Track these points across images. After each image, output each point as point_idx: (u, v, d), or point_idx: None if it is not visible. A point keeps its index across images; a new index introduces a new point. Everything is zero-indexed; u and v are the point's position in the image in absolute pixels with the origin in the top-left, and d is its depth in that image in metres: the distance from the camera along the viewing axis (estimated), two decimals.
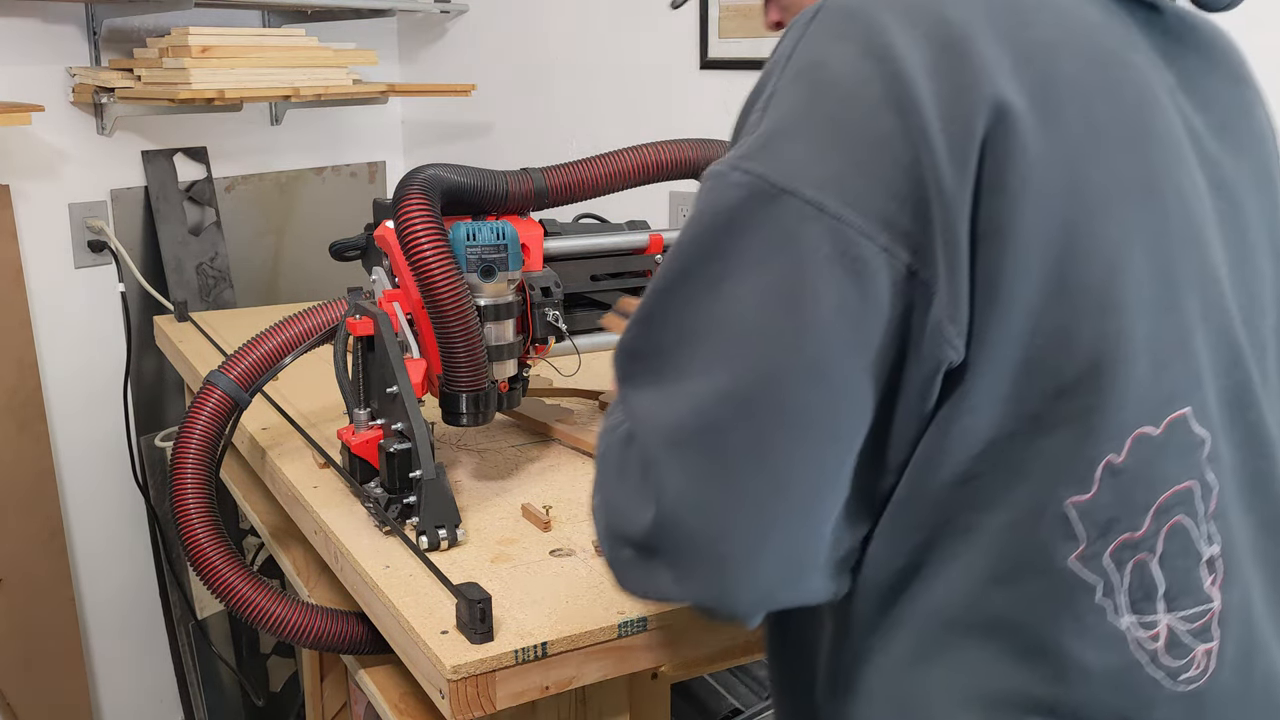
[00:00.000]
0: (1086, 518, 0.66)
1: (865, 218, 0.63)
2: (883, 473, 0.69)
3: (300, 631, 1.14)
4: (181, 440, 1.19)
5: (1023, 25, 0.67)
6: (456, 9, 3.10)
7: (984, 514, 0.67)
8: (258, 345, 1.25)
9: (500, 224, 1.17)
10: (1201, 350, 0.70)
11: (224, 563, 1.14)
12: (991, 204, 0.63)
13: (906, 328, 0.64)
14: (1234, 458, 0.72)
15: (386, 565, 1.07)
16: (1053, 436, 0.66)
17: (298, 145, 3.01)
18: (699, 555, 0.65)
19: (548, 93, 2.92)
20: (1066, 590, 0.67)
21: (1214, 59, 0.82)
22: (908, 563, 0.70)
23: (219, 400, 1.22)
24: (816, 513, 0.66)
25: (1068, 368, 0.65)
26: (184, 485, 1.17)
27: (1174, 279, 0.68)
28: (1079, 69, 0.68)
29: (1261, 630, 0.74)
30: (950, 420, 0.66)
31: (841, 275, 0.63)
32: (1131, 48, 0.73)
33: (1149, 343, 0.67)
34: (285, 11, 2.91)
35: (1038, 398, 0.65)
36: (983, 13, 0.66)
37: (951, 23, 0.65)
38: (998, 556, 0.68)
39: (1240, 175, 0.77)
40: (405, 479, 1.11)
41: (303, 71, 2.66)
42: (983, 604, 0.68)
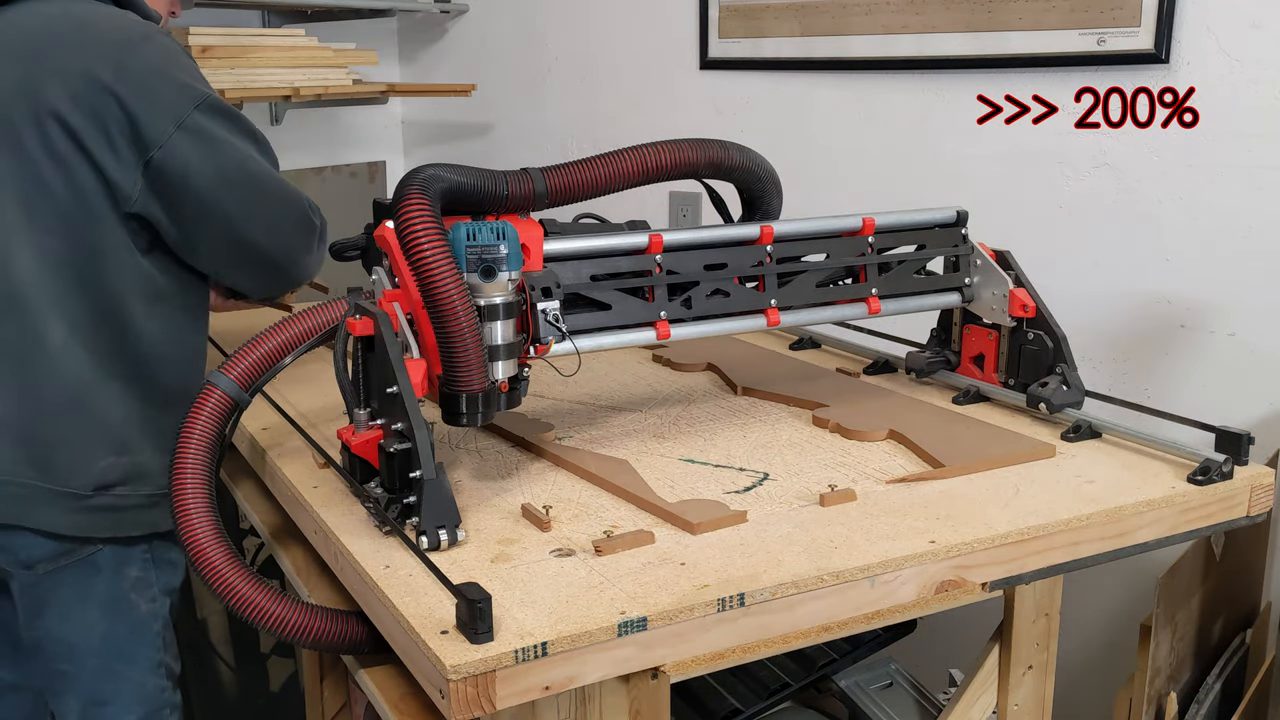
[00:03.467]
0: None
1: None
2: None
3: (300, 631, 1.14)
4: (181, 440, 1.19)
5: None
6: (456, 9, 3.10)
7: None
8: (258, 345, 1.25)
9: (500, 224, 1.17)
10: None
11: (224, 563, 1.14)
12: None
13: None
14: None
15: (386, 565, 1.07)
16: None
17: (298, 145, 3.01)
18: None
19: (548, 93, 2.92)
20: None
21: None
22: None
23: (219, 400, 1.21)
24: None
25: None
26: (184, 485, 1.17)
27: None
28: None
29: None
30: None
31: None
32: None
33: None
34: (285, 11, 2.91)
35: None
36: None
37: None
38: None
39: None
40: (405, 479, 1.11)
41: (303, 71, 2.66)
42: None
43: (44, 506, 1.40)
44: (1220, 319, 1.76)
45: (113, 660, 1.50)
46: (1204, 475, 1.26)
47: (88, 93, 1.32)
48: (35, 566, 1.44)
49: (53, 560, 1.44)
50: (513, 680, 0.92)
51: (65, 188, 1.35)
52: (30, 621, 1.49)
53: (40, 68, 1.33)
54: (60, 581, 1.46)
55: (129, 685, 1.51)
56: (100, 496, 1.42)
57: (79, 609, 1.47)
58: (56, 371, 1.38)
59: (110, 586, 1.48)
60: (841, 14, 2.18)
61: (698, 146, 1.36)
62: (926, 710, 1.54)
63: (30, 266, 1.36)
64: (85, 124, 1.33)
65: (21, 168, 1.34)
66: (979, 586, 1.14)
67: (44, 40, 1.35)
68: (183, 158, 1.35)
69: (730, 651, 1.04)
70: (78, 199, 1.35)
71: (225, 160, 1.39)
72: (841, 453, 1.37)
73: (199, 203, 1.37)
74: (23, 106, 1.33)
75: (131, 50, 1.36)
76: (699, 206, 2.47)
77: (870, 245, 1.45)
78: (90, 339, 1.40)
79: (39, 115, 1.32)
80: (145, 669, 1.52)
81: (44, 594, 1.47)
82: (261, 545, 2.16)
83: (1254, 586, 1.72)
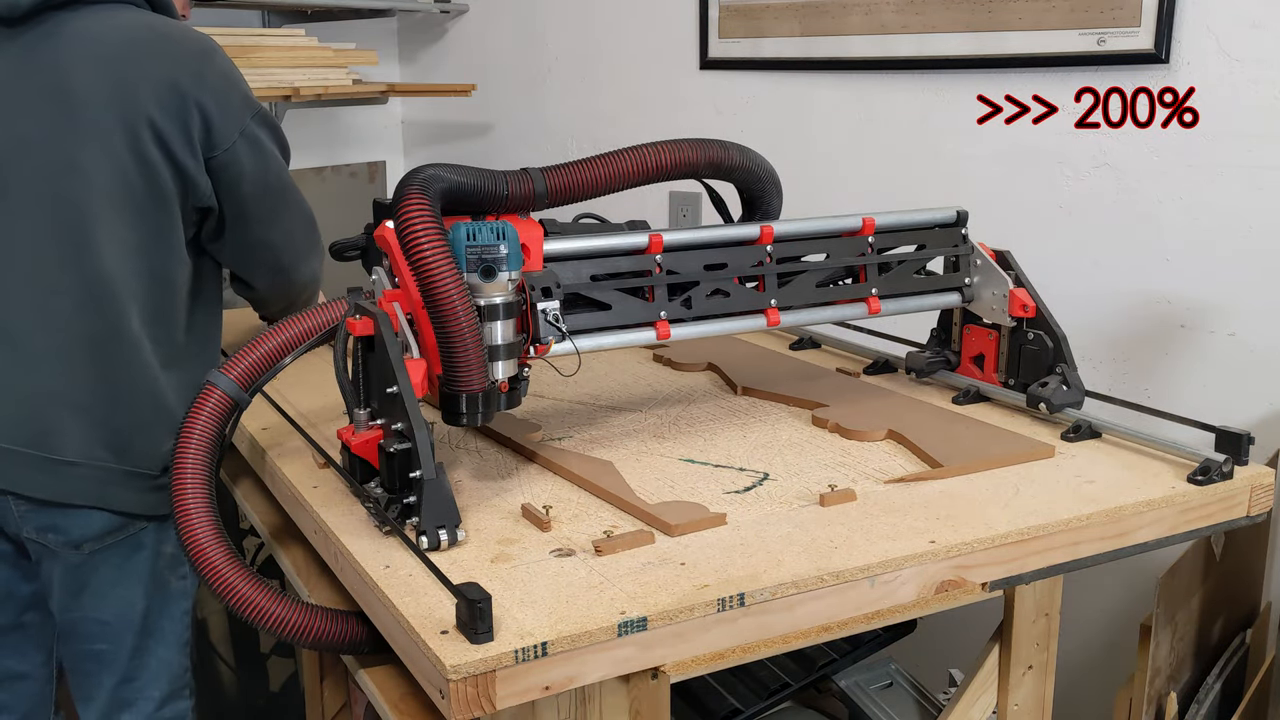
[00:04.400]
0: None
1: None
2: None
3: (300, 631, 1.14)
4: (181, 440, 1.19)
5: None
6: (456, 9, 3.10)
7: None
8: (258, 345, 1.25)
9: (500, 224, 1.17)
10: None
11: (224, 563, 1.14)
12: None
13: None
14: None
15: (386, 565, 1.07)
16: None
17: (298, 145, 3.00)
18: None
19: (548, 93, 2.92)
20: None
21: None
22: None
23: (219, 400, 1.22)
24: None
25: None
26: (184, 485, 1.17)
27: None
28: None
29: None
30: None
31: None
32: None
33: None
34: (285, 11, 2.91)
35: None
36: None
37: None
38: None
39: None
40: (405, 479, 1.11)
41: (303, 71, 2.66)
42: None
43: (119, 488, 1.46)
44: (1220, 319, 1.76)
45: (146, 638, 1.53)
46: (1204, 475, 1.26)
47: (173, 99, 1.43)
48: (83, 546, 1.47)
49: (101, 539, 1.48)
50: (513, 680, 0.92)
51: (147, 185, 1.43)
52: (69, 603, 1.52)
53: (130, 75, 1.42)
54: (104, 560, 1.49)
55: (156, 662, 1.55)
56: (165, 476, 1.45)
57: (120, 587, 1.51)
58: (131, 360, 1.45)
59: (150, 563, 1.52)
60: (841, 14, 2.18)
61: (698, 146, 1.36)
62: (926, 710, 1.54)
63: (113, 259, 1.43)
64: (171, 127, 1.42)
65: (111, 167, 1.41)
66: (979, 586, 1.14)
67: (130, 50, 1.43)
68: (238, 162, 1.48)
69: (730, 651, 1.04)
70: (156, 196, 1.44)
71: (268, 169, 1.52)
72: (841, 453, 1.37)
73: (239, 204, 1.51)
74: (115, 110, 1.41)
75: (208, 61, 1.48)
76: (699, 206, 2.47)
77: (870, 245, 1.45)
78: (153, 329, 1.47)
79: (130, 119, 1.41)
80: (173, 647, 1.56)
81: (86, 574, 1.49)
82: (261, 545, 2.16)
83: (1254, 586, 1.72)
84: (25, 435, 1.42)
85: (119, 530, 1.48)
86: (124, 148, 1.41)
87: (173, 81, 1.42)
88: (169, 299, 1.49)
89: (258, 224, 1.54)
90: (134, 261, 1.44)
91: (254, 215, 1.53)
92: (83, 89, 1.40)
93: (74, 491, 1.44)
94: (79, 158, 1.39)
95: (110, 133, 1.40)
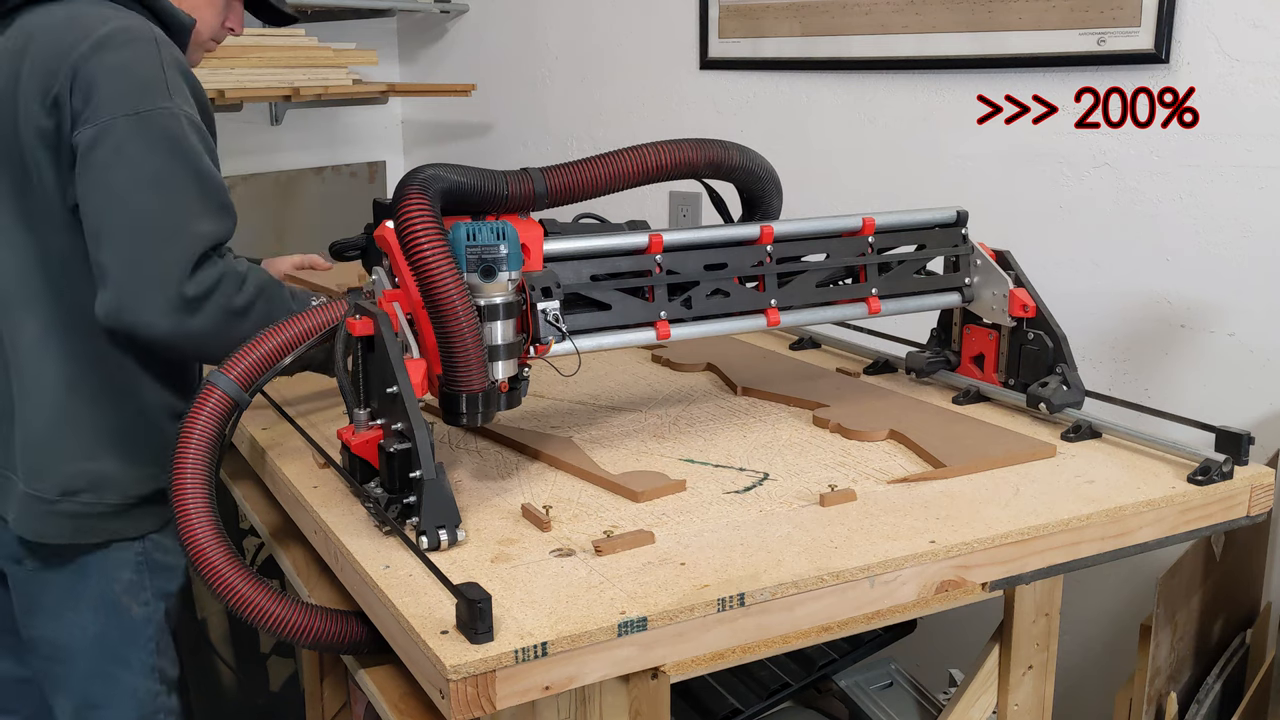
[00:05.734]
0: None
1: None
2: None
3: (300, 631, 1.14)
4: (181, 440, 1.19)
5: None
6: (456, 9, 3.10)
7: None
8: (258, 345, 1.25)
9: (500, 224, 1.17)
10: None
11: (224, 563, 1.14)
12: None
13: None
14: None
15: (386, 565, 1.07)
16: None
17: (298, 145, 3.01)
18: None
19: (548, 93, 2.91)
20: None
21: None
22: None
23: (219, 400, 1.21)
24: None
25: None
26: (184, 485, 1.17)
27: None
28: None
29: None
30: None
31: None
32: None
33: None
34: None
35: None
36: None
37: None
38: None
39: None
40: (405, 479, 1.11)
41: (303, 71, 2.66)
42: None
43: (19, 506, 1.45)
44: (1220, 319, 1.76)
45: (105, 663, 1.50)
46: (1204, 475, 1.26)
47: (54, 66, 1.34)
48: (24, 562, 1.46)
49: (37, 558, 1.46)
50: (513, 680, 0.92)
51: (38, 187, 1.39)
52: (24, 619, 1.51)
53: (30, 56, 1.38)
54: (49, 581, 1.47)
55: (122, 689, 1.52)
56: (66, 501, 1.45)
57: (70, 610, 1.48)
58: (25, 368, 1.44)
59: (100, 589, 1.49)
60: (841, 14, 2.18)
61: (698, 146, 1.36)
62: (926, 710, 1.54)
63: (10, 268, 1.41)
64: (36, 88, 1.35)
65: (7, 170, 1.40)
66: (979, 586, 1.14)
67: (41, 34, 1.38)
68: (91, 151, 1.33)
69: (730, 651, 1.04)
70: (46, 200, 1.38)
71: (113, 174, 1.34)
72: (841, 453, 1.37)
73: (82, 193, 1.36)
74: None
75: (105, 45, 1.34)
76: (699, 206, 2.47)
77: (870, 245, 1.45)
78: (65, 342, 1.42)
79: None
80: (139, 673, 1.53)
81: (35, 592, 1.48)
82: (261, 545, 2.16)
83: (1254, 586, 1.72)
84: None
85: (57, 553, 1.46)
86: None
87: (60, 53, 1.34)
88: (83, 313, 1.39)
89: (87, 217, 1.35)
90: (31, 270, 1.41)
91: (86, 210, 1.35)
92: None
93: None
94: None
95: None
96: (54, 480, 1.43)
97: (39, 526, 1.45)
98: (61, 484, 1.44)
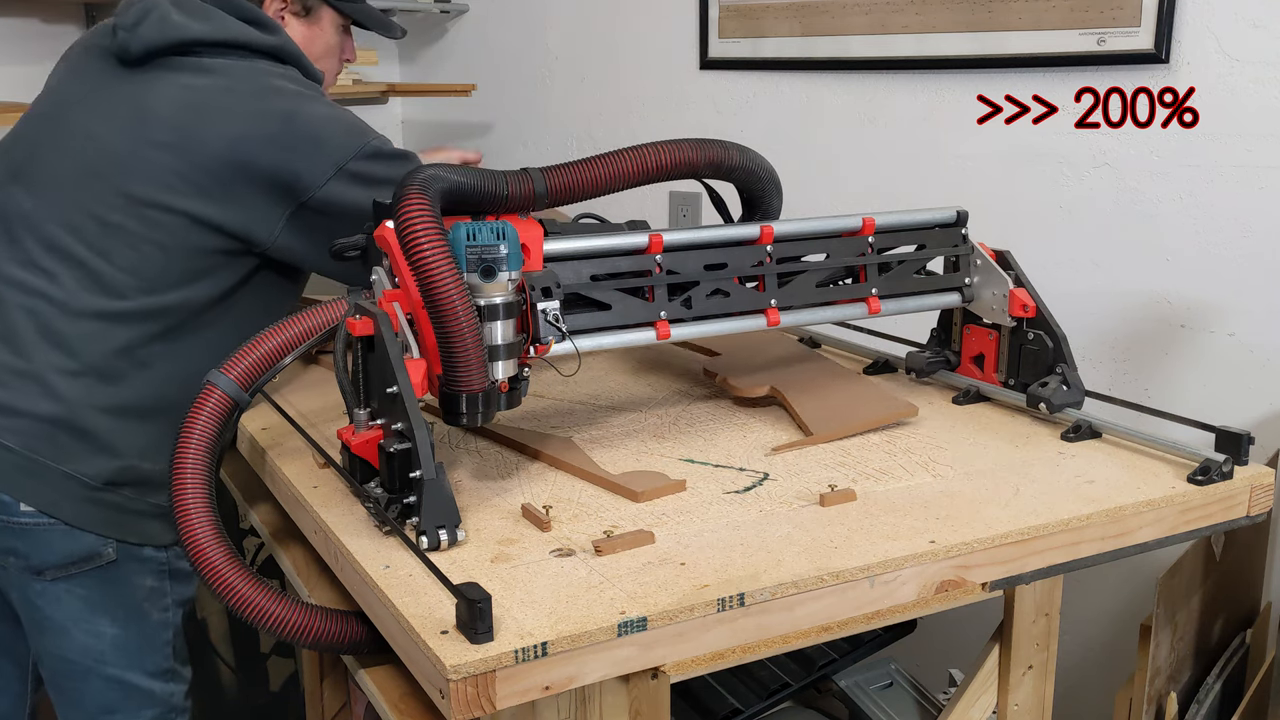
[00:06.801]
0: None
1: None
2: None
3: (300, 631, 1.14)
4: (181, 440, 1.19)
5: None
6: (456, 9, 3.10)
7: None
8: (258, 345, 1.25)
9: (500, 224, 1.17)
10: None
11: (224, 563, 1.14)
12: None
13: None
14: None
15: (386, 565, 1.07)
16: None
17: None
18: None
19: (548, 93, 2.91)
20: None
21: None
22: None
23: (219, 400, 1.21)
24: None
25: None
26: (184, 485, 1.17)
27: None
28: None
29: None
30: None
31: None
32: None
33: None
34: None
35: None
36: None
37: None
38: None
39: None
40: (405, 479, 1.11)
41: None
42: None
43: (51, 489, 1.44)
44: (1220, 319, 1.76)
45: (123, 669, 1.51)
46: (1204, 475, 1.26)
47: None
48: (45, 572, 1.45)
49: (64, 567, 1.45)
50: (513, 680, 0.92)
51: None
52: (35, 636, 1.50)
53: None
54: (69, 592, 1.46)
55: (137, 693, 1.53)
56: (108, 491, 1.45)
57: (87, 622, 1.48)
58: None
59: (122, 596, 1.49)
60: (841, 14, 2.18)
61: (698, 146, 1.36)
62: (926, 710, 1.54)
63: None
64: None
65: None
66: (979, 586, 1.14)
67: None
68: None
69: (730, 651, 1.04)
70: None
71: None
72: (841, 453, 1.37)
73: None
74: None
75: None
76: (699, 206, 2.47)
77: (870, 245, 1.45)
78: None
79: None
80: (154, 676, 1.54)
81: (49, 606, 1.47)
82: (261, 545, 2.16)
83: (1254, 586, 1.72)
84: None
85: (84, 561, 1.46)
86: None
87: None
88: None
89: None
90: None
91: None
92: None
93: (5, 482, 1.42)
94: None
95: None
96: (103, 467, 1.44)
97: (74, 510, 1.44)
98: (109, 474, 1.44)
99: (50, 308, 1.43)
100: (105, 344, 1.43)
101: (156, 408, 1.47)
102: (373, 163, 1.48)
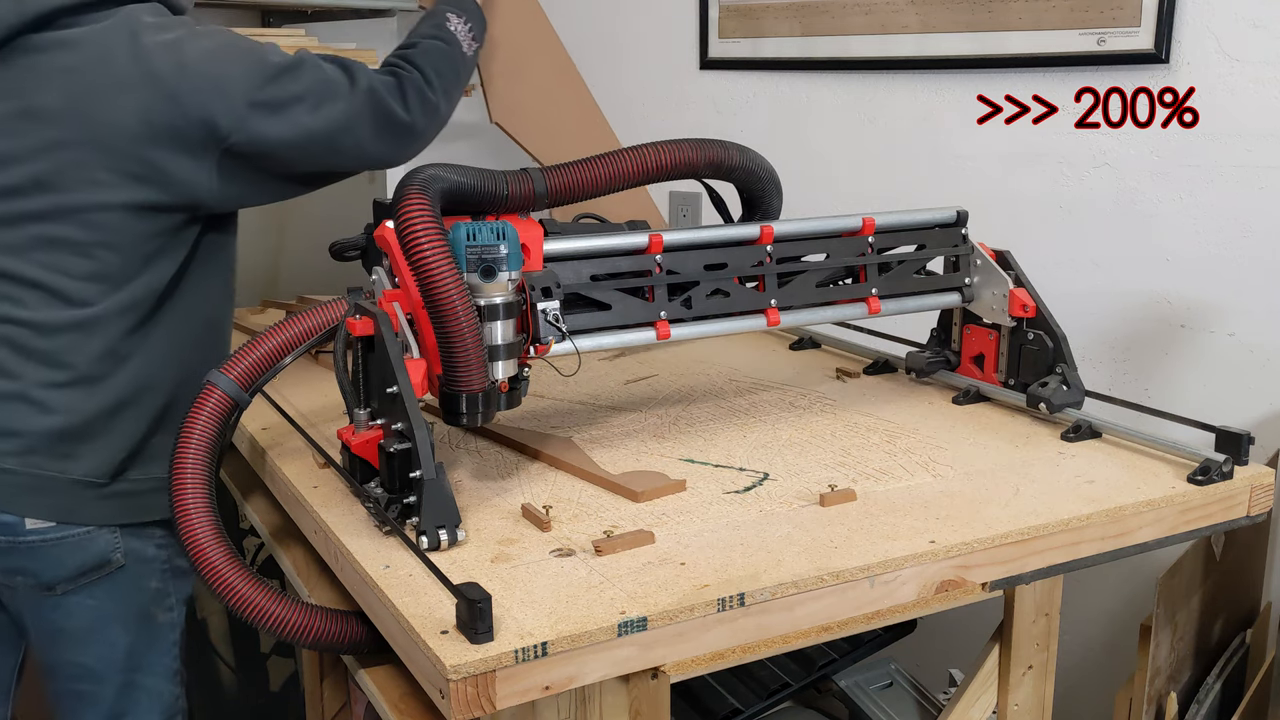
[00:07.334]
0: None
1: None
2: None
3: (300, 631, 1.14)
4: (181, 440, 1.19)
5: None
6: None
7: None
8: (258, 345, 1.25)
9: (500, 224, 1.17)
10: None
11: (224, 563, 1.14)
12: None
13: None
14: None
15: (386, 565, 1.07)
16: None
17: None
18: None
19: None
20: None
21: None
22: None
23: (219, 400, 1.21)
24: None
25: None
26: (184, 485, 1.17)
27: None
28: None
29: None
30: None
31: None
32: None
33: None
34: (285, 11, 2.91)
35: None
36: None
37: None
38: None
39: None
40: (405, 479, 1.11)
41: None
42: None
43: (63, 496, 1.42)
44: (1220, 319, 1.76)
45: (133, 674, 1.51)
46: (1204, 475, 1.26)
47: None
48: (56, 587, 1.44)
49: (74, 580, 1.44)
50: (513, 680, 0.92)
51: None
52: (46, 646, 1.49)
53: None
54: (79, 604, 1.45)
55: (147, 696, 1.53)
56: (120, 482, 1.45)
57: (100, 631, 1.47)
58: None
59: (130, 602, 1.48)
60: (841, 14, 2.18)
61: (698, 146, 1.36)
62: (926, 710, 1.54)
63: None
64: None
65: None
66: (979, 586, 1.14)
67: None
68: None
69: (730, 651, 1.04)
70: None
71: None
72: (841, 453, 1.37)
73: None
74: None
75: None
76: (699, 206, 2.47)
77: (870, 245, 1.45)
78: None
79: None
80: (163, 678, 1.54)
81: (61, 619, 1.46)
82: (261, 545, 2.16)
83: (1254, 586, 1.72)
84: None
85: (94, 570, 1.45)
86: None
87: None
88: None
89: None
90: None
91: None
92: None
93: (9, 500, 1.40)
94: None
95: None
96: (109, 460, 1.43)
97: (92, 511, 1.43)
98: (116, 464, 1.43)
99: (23, 330, 1.38)
100: (86, 350, 1.40)
101: (145, 391, 1.45)
102: (278, 84, 1.40)
